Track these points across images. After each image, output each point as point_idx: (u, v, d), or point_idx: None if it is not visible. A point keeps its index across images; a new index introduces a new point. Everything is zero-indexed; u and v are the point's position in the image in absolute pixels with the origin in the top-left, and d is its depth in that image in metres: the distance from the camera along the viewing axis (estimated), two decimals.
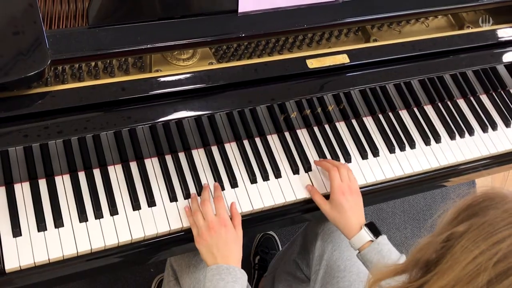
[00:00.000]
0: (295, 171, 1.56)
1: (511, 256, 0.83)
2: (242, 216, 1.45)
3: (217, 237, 1.35)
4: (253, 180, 1.52)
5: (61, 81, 1.39)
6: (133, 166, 1.48)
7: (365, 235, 1.40)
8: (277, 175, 1.55)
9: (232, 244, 1.36)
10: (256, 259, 2.35)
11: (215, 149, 1.55)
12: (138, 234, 1.39)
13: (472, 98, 1.83)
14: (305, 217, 1.60)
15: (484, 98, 1.84)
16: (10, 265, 1.28)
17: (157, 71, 1.45)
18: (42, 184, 1.40)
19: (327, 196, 1.50)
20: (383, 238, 1.40)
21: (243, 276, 1.32)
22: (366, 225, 1.42)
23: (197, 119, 1.51)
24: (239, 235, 1.39)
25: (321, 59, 1.51)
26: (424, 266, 0.95)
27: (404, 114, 1.74)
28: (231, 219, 1.41)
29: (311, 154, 1.60)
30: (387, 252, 1.37)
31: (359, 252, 1.41)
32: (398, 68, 1.59)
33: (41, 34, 1.27)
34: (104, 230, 1.37)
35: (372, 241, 1.39)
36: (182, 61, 1.49)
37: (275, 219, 1.53)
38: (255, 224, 1.50)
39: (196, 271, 1.56)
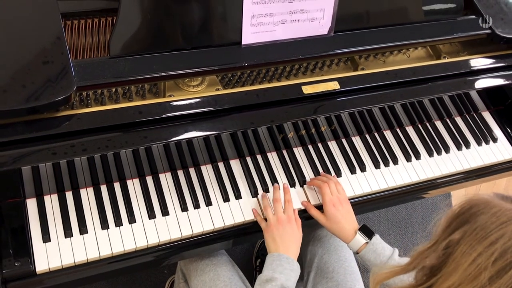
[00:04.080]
0: (292, 184, 1.57)
1: (507, 253, 0.84)
2: (246, 224, 1.47)
3: (283, 229, 1.38)
4: (254, 193, 1.52)
5: (85, 105, 1.39)
6: (149, 180, 1.48)
7: (360, 239, 1.42)
8: None
9: (293, 240, 1.39)
10: (257, 262, 2.33)
11: (221, 165, 1.55)
12: (153, 240, 1.39)
13: (448, 120, 1.83)
14: None
15: (458, 120, 1.85)
16: (41, 267, 1.29)
17: (170, 96, 1.45)
18: (69, 196, 1.41)
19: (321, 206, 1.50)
20: (376, 238, 1.41)
21: (298, 268, 1.35)
22: (359, 229, 1.43)
23: (205, 138, 1.52)
24: (300, 235, 1.42)
25: (315, 85, 1.52)
26: (429, 271, 0.97)
27: (388, 134, 1.74)
28: None
29: (306, 170, 1.60)
30: (381, 249, 1.39)
31: (357, 254, 1.43)
32: (382, 93, 1.59)
33: (68, 63, 1.27)
34: (124, 236, 1.38)
35: (367, 242, 1.41)
36: (192, 87, 1.49)
37: None
38: (256, 230, 1.50)
39: (202, 274, 1.56)
